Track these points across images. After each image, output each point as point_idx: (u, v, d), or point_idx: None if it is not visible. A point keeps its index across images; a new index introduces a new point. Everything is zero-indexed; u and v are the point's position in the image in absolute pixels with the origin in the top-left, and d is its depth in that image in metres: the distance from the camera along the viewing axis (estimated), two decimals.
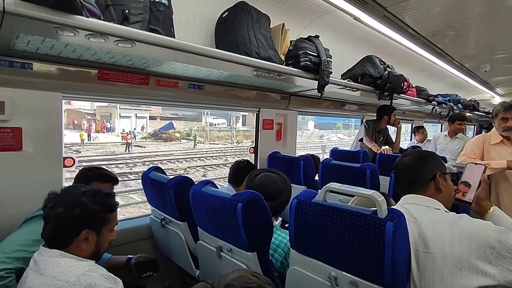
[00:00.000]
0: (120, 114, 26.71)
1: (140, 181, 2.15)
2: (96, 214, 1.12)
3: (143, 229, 2.13)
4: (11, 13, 1.00)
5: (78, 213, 1.08)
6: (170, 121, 28.48)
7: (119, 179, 1.87)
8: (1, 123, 1.57)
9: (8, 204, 1.60)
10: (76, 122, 23.43)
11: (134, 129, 25.34)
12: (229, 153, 18.17)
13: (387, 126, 3.77)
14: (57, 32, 1.17)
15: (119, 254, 1.82)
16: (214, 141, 25.33)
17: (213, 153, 17.94)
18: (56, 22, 1.09)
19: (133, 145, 19.55)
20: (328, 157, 3.07)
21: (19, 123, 1.62)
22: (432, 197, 1.20)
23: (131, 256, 1.82)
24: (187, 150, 19.21)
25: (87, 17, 1.17)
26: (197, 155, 16.67)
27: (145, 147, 20.72)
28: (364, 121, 3.91)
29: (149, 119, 29.00)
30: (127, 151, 18.32)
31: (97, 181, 1.65)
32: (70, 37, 1.24)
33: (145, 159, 15.00)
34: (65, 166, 1.82)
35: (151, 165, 2.12)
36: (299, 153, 3.29)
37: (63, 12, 1.09)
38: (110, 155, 16.47)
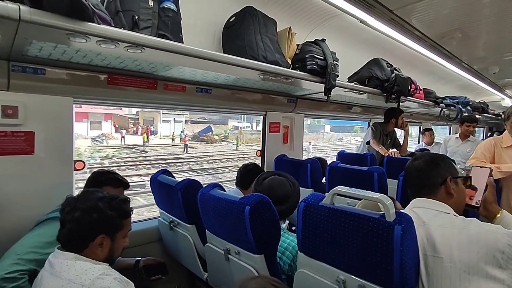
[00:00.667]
0: (162, 118, 27.72)
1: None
2: (112, 220, 1.13)
3: (151, 231, 2.15)
4: (27, 21, 1.03)
5: (95, 218, 1.09)
6: (208, 125, 29.80)
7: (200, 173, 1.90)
8: (14, 127, 1.61)
9: (20, 206, 1.64)
10: (117, 126, 24.16)
11: (181, 131, 26.38)
12: None
13: (395, 129, 3.75)
14: (69, 38, 1.20)
15: (128, 256, 1.84)
16: (247, 143, 26.25)
17: (255, 152, 19.44)
18: (69, 29, 1.12)
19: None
20: None
21: (31, 127, 1.66)
22: (443, 201, 1.18)
23: (140, 258, 1.84)
24: (231, 151, 21.04)
25: (99, 24, 1.20)
26: (243, 155, 18.54)
27: (196, 148, 22.22)
28: (371, 123, 3.89)
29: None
30: (185, 151, 19.85)
31: (109, 185, 1.67)
32: (82, 43, 1.27)
33: (206, 158, 16.67)
34: (75, 169, 1.84)
35: (213, 163, 2.15)
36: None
37: (76, 20, 1.12)
38: (175, 154, 18.47)
